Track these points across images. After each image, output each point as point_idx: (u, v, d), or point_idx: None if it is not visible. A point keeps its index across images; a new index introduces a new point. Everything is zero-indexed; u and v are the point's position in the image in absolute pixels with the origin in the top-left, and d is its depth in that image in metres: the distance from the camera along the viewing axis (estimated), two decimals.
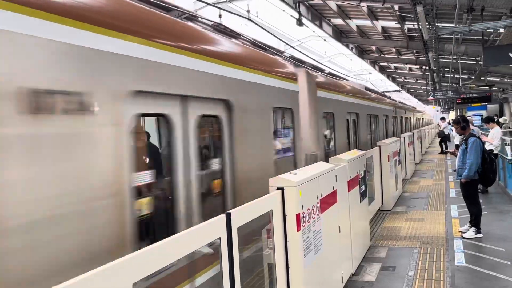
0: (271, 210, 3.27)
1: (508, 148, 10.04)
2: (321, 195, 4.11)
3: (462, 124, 7.20)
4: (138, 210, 3.02)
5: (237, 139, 4.14)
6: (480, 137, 8.10)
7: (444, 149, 21.46)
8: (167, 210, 3.33)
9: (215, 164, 4.04)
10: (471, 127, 7.96)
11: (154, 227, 3.41)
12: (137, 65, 2.90)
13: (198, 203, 3.54)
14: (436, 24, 11.77)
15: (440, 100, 38.62)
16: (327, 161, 5.25)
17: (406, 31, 16.91)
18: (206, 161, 3.95)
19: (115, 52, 2.72)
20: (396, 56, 23.62)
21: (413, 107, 33.96)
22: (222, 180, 4.00)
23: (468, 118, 8.76)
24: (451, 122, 31.14)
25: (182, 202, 3.36)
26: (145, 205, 3.21)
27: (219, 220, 2.55)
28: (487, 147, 9.25)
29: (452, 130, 17.55)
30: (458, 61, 19.43)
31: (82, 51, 2.49)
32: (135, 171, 2.88)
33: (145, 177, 3.25)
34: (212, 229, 2.49)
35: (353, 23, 17.02)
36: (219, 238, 2.52)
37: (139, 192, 3.09)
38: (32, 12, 2.24)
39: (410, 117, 25.82)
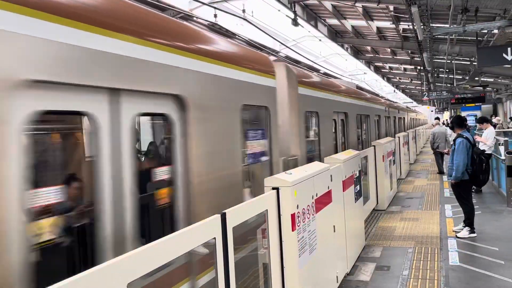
0: (266, 210, 3.27)
1: (501, 148, 10.10)
2: (316, 195, 4.12)
3: (450, 124, 7.29)
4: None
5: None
6: (474, 137, 8.15)
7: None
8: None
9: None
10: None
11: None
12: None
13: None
14: (431, 25, 11.83)
15: (435, 100, 38.86)
16: None
17: (401, 31, 16.99)
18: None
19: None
20: (391, 56, 23.71)
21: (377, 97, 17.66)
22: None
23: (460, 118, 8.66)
24: (445, 122, 31.21)
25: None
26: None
27: (214, 220, 2.55)
28: (481, 147, 9.29)
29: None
30: (453, 62, 19.55)
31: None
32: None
33: None
34: (207, 229, 2.48)
35: (348, 23, 17.06)
36: (214, 238, 2.52)
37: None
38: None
39: (380, 116, 15.02)
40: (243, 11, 13.30)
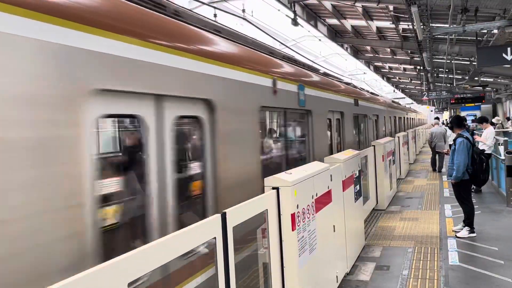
0: (266, 209, 3.27)
1: (501, 148, 10.10)
2: (316, 194, 4.12)
3: (449, 124, 7.30)
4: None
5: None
6: (474, 137, 8.15)
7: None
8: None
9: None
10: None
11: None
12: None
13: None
14: (431, 25, 11.83)
15: (434, 100, 38.86)
16: None
17: (400, 31, 16.99)
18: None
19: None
20: (390, 56, 23.71)
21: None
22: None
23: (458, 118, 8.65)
24: (444, 122, 31.18)
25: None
26: None
27: (215, 219, 2.55)
28: (480, 147, 9.30)
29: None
30: (452, 62, 19.55)
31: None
32: None
33: None
34: (207, 229, 2.48)
35: (348, 23, 17.06)
36: (215, 238, 2.51)
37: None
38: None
39: (313, 115, 6.72)
40: (243, 11, 13.32)
